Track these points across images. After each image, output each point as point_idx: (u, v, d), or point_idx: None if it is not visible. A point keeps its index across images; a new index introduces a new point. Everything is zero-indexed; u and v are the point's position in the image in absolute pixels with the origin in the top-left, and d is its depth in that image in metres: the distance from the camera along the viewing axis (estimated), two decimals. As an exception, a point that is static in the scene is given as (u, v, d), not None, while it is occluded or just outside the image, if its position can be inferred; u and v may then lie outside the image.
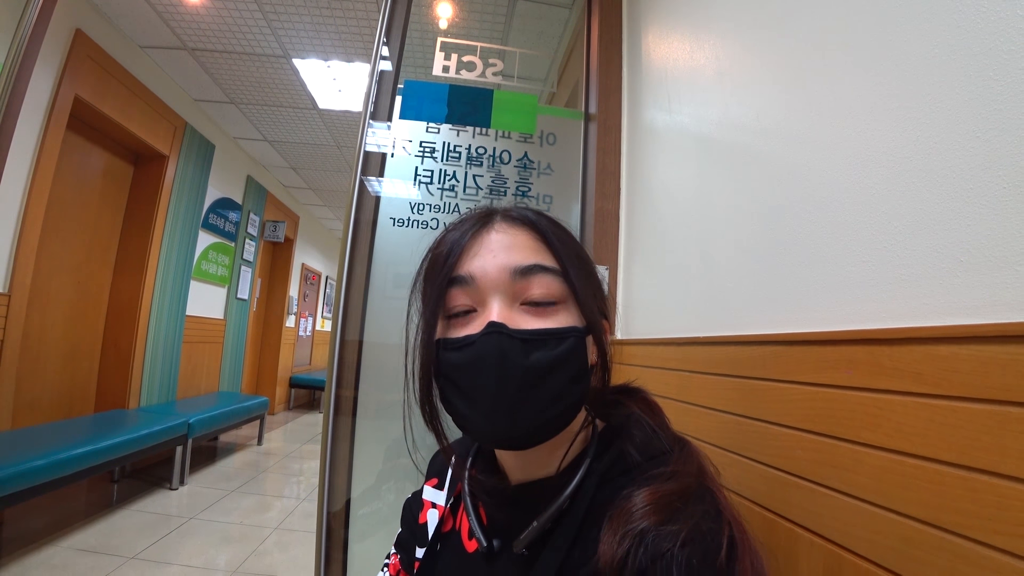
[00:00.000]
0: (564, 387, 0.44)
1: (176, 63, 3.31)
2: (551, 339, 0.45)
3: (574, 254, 0.50)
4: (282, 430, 5.40)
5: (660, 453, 0.49)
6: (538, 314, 0.46)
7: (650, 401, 0.57)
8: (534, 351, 0.44)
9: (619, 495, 0.44)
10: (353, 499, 1.41)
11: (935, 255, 0.45)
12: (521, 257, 0.47)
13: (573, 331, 0.46)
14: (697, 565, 0.37)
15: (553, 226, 0.51)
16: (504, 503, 0.53)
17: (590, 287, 0.50)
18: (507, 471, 0.54)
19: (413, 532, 0.64)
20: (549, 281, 0.47)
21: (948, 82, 0.45)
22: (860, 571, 0.46)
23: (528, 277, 0.46)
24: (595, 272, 0.54)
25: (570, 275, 0.48)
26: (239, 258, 4.83)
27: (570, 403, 0.45)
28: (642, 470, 0.47)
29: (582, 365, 0.46)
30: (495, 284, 0.46)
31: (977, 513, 0.37)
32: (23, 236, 2.49)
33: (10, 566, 2.12)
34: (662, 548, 0.38)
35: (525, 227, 0.50)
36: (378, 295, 1.48)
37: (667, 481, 0.44)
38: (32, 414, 2.81)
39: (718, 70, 0.94)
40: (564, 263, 0.48)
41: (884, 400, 0.46)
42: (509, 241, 0.48)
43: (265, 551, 2.51)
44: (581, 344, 0.46)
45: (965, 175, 0.43)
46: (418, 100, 1.58)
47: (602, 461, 0.48)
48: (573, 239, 0.53)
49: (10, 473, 2.00)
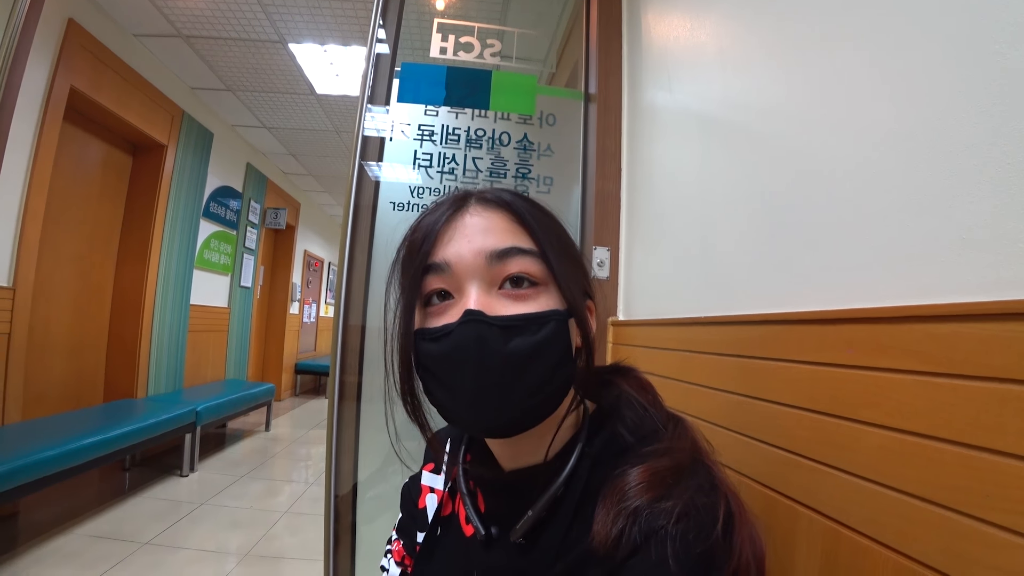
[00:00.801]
0: (547, 373, 0.44)
1: (171, 51, 3.28)
2: (531, 324, 0.43)
3: (553, 234, 0.49)
4: (289, 416, 5.46)
5: (652, 432, 0.48)
6: (517, 298, 0.45)
7: (641, 379, 0.57)
8: (513, 337, 0.43)
9: (612, 475, 0.44)
10: (360, 483, 1.43)
11: (937, 233, 0.45)
12: (497, 240, 0.46)
13: (554, 315, 0.44)
14: (692, 540, 0.37)
15: (530, 206, 0.49)
16: (499, 490, 0.53)
17: (571, 267, 0.49)
18: (499, 459, 0.53)
19: (413, 517, 0.64)
20: (527, 263, 0.45)
21: (955, 56, 0.44)
22: (858, 547, 0.47)
23: (505, 260, 0.45)
24: (577, 252, 0.53)
25: (549, 256, 0.46)
26: (241, 246, 4.83)
27: (554, 389, 0.45)
28: (634, 450, 0.46)
29: (565, 349, 0.45)
30: (471, 270, 0.45)
31: (976, 490, 0.37)
32: (25, 230, 2.50)
33: (27, 554, 2.16)
34: (656, 525, 0.38)
35: (501, 209, 0.48)
36: (380, 280, 1.47)
37: (660, 458, 0.44)
38: (41, 406, 2.85)
39: (719, 48, 0.93)
40: (542, 244, 0.46)
41: (884, 379, 0.46)
42: (484, 224, 0.47)
43: (275, 535, 2.55)
44: (563, 327, 0.45)
45: (970, 152, 0.42)
46: (416, 83, 1.56)
47: (594, 444, 0.48)
48: (552, 219, 0.51)
49: (24, 464, 2.03)
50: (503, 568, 0.50)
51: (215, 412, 3.53)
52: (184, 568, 2.17)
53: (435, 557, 0.58)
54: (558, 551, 0.44)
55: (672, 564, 0.36)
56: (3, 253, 2.41)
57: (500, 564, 0.50)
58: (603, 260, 1.47)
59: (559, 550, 0.44)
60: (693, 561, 0.36)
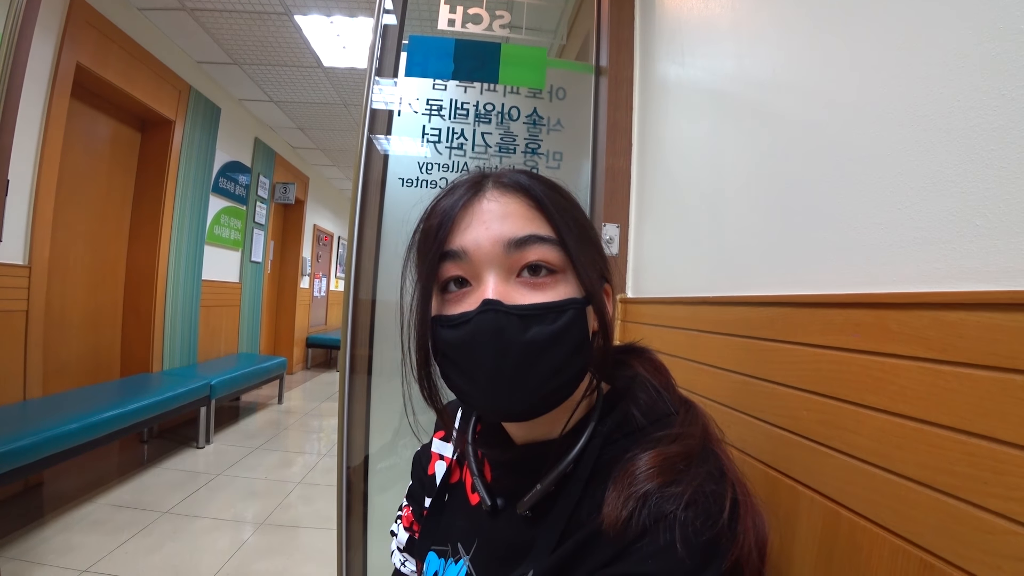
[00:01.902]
0: (564, 361, 0.44)
1: (176, 24, 3.24)
2: (549, 313, 0.43)
3: (572, 219, 0.48)
4: (301, 389, 5.56)
5: (664, 415, 0.49)
6: (536, 287, 0.45)
7: (656, 361, 0.57)
8: (532, 327, 0.43)
9: (623, 457, 0.45)
10: (372, 454, 1.46)
11: (950, 219, 0.45)
12: (516, 227, 0.45)
13: (572, 303, 0.44)
14: (700, 527, 0.38)
15: (549, 190, 0.48)
16: (507, 463, 0.54)
17: (589, 253, 0.48)
18: (510, 433, 0.54)
19: (422, 483, 0.66)
20: (546, 251, 0.45)
21: (976, 34, 0.43)
22: (856, 527, 0.48)
23: (523, 248, 0.44)
24: (594, 234, 0.52)
25: (568, 244, 0.45)
26: (251, 221, 4.85)
27: (571, 376, 0.45)
28: (646, 432, 0.47)
29: (582, 336, 0.45)
30: (489, 258, 0.45)
31: (973, 476, 0.37)
32: (38, 208, 2.53)
33: (54, 521, 2.26)
34: (665, 509, 0.39)
35: (519, 194, 0.47)
36: (390, 253, 1.48)
37: (671, 443, 0.45)
38: (61, 380, 2.92)
39: (733, 21, 0.90)
40: (561, 231, 0.46)
41: (889, 364, 0.46)
42: (502, 210, 0.46)
43: (290, 504, 2.63)
44: (581, 315, 0.45)
45: (987, 136, 0.41)
46: (424, 56, 1.54)
47: (606, 424, 0.49)
48: (571, 202, 0.51)
49: (47, 437, 2.10)
50: (507, 539, 0.51)
51: (229, 386, 3.61)
52: (203, 536, 2.25)
53: (441, 522, 0.60)
54: (565, 527, 0.45)
55: (679, 548, 0.38)
56: (17, 232, 2.45)
57: (505, 535, 0.51)
58: (612, 237, 1.46)
59: (567, 526, 0.45)
60: (699, 547, 0.38)
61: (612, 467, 0.45)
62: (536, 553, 0.45)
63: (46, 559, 1.96)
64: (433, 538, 0.60)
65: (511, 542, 0.51)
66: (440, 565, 0.58)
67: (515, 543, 0.50)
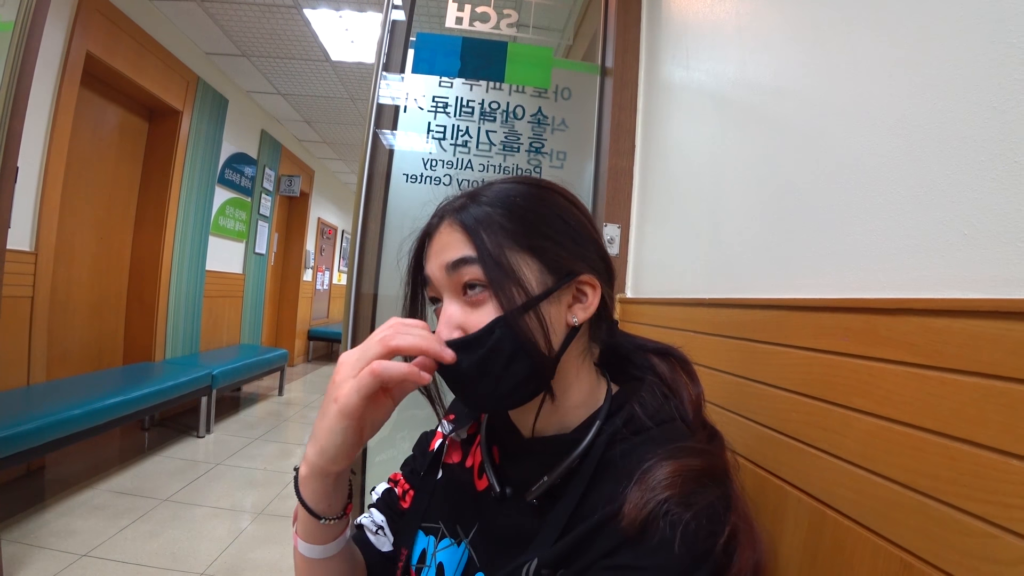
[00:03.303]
0: (505, 370, 0.48)
1: (186, 15, 3.26)
2: (474, 342, 0.48)
3: (504, 233, 0.50)
4: (302, 381, 5.58)
5: (669, 419, 0.52)
6: (473, 304, 0.50)
7: (682, 370, 0.59)
8: (465, 356, 0.48)
9: (632, 456, 0.48)
10: (369, 447, 1.48)
11: (939, 227, 0.45)
12: (450, 254, 0.51)
13: (496, 323, 0.48)
14: (702, 536, 0.41)
15: (487, 210, 0.51)
16: (517, 453, 0.57)
17: (523, 261, 0.50)
18: (518, 426, 0.57)
19: (424, 454, 0.69)
20: (472, 270, 0.49)
21: (971, 48, 0.44)
22: (841, 527, 0.49)
23: (457, 271, 0.50)
24: (558, 234, 0.52)
25: (486, 261, 0.48)
26: (256, 213, 4.87)
27: (518, 380, 0.48)
28: (653, 435, 0.50)
29: (515, 348, 0.47)
30: (441, 282, 0.52)
31: (954, 480, 0.38)
32: (45, 194, 2.55)
33: (55, 506, 2.28)
34: (675, 515, 0.42)
35: (455, 223, 0.52)
36: (393, 248, 1.49)
37: (696, 457, 0.47)
38: (65, 366, 2.94)
39: (737, 26, 0.91)
40: (481, 250, 0.49)
41: (877, 368, 0.47)
42: (445, 240, 0.52)
43: (288, 494, 2.64)
44: (507, 332, 0.47)
45: (978, 147, 0.42)
46: (431, 53, 1.55)
47: (613, 422, 0.51)
48: (519, 214, 0.51)
49: (50, 422, 2.12)
50: (512, 525, 0.53)
51: (230, 376, 3.63)
52: (202, 523, 2.27)
53: (443, 500, 0.62)
54: (569, 519, 0.48)
55: (677, 548, 0.40)
56: (25, 218, 2.46)
57: (510, 521, 0.54)
58: (613, 237, 1.47)
59: (570, 519, 0.48)
60: (697, 552, 0.41)
61: (619, 463, 0.48)
62: (540, 540, 0.48)
63: (46, 543, 1.98)
64: (423, 516, 0.62)
65: (515, 529, 0.53)
66: (428, 543, 0.60)
67: (519, 530, 0.52)
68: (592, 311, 0.52)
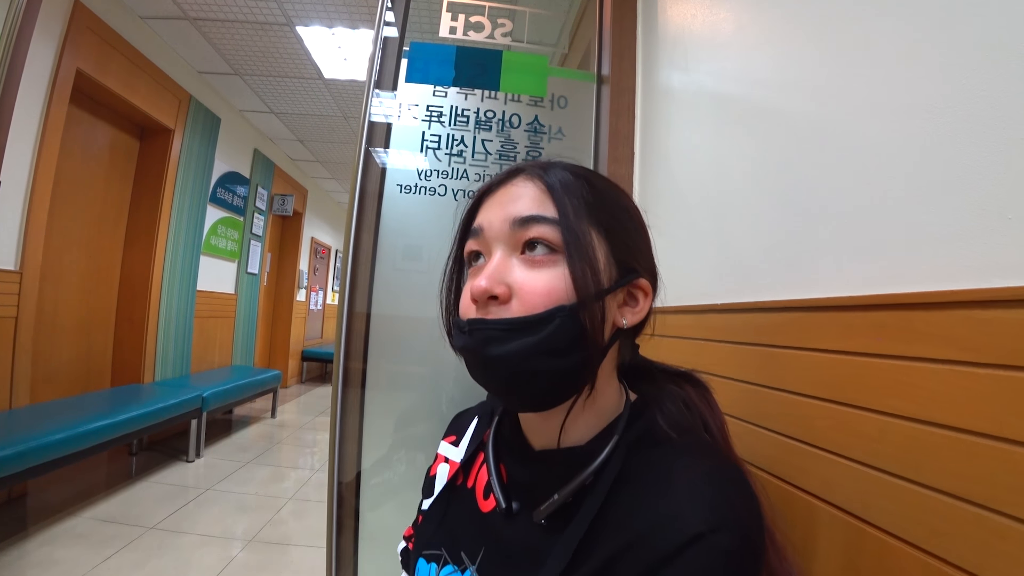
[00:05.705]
0: (550, 365, 0.44)
1: (178, 34, 3.25)
2: (530, 326, 0.43)
3: (586, 205, 0.47)
4: (295, 403, 5.49)
5: (691, 429, 0.49)
6: (531, 263, 0.46)
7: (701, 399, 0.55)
8: (512, 340, 0.44)
9: (653, 469, 0.44)
10: (364, 470, 1.42)
11: (977, 211, 0.42)
12: (523, 208, 0.47)
13: (558, 311, 0.44)
14: (741, 561, 0.37)
15: (574, 178, 0.49)
16: (526, 469, 0.52)
17: (603, 240, 0.47)
18: (528, 437, 0.53)
19: (428, 480, 0.65)
20: (545, 230, 0.46)
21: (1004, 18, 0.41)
22: (884, 546, 0.44)
23: (526, 227, 0.46)
24: (627, 226, 0.51)
25: (568, 227, 0.45)
26: (248, 232, 4.83)
27: (561, 378, 0.45)
28: (676, 445, 0.46)
29: (570, 342, 0.44)
30: (497, 234, 0.48)
31: (1017, 487, 0.34)
32: (32, 213, 2.49)
33: (37, 534, 2.19)
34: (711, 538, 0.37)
35: (537, 180, 0.49)
36: (386, 266, 1.46)
37: (733, 483, 0.43)
38: (50, 388, 2.86)
39: (738, 22, 0.89)
40: (565, 213, 0.46)
41: (916, 368, 0.43)
42: (518, 192, 0.49)
43: (281, 520, 2.56)
44: (568, 322, 0.43)
45: (1016, 121, 0.39)
46: (424, 62, 1.53)
47: (631, 432, 0.48)
48: (603, 193, 0.50)
49: (32, 446, 2.04)
50: (520, 545, 0.49)
51: (221, 398, 3.54)
52: (190, 552, 2.18)
53: (444, 526, 0.58)
54: (582, 541, 0.43)
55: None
56: (10, 237, 2.41)
57: (517, 540, 0.49)
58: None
59: (584, 540, 0.43)
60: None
61: (639, 478, 0.44)
62: (550, 565, 0.43)
63: (26, 574, 1.89)
64: (425, 545, 0.58)
65: (523, 549, 0.48)
66: (430, 570, 0.55)
67: (527, 551, 0.48)
68: (640, 317, 0.51)
